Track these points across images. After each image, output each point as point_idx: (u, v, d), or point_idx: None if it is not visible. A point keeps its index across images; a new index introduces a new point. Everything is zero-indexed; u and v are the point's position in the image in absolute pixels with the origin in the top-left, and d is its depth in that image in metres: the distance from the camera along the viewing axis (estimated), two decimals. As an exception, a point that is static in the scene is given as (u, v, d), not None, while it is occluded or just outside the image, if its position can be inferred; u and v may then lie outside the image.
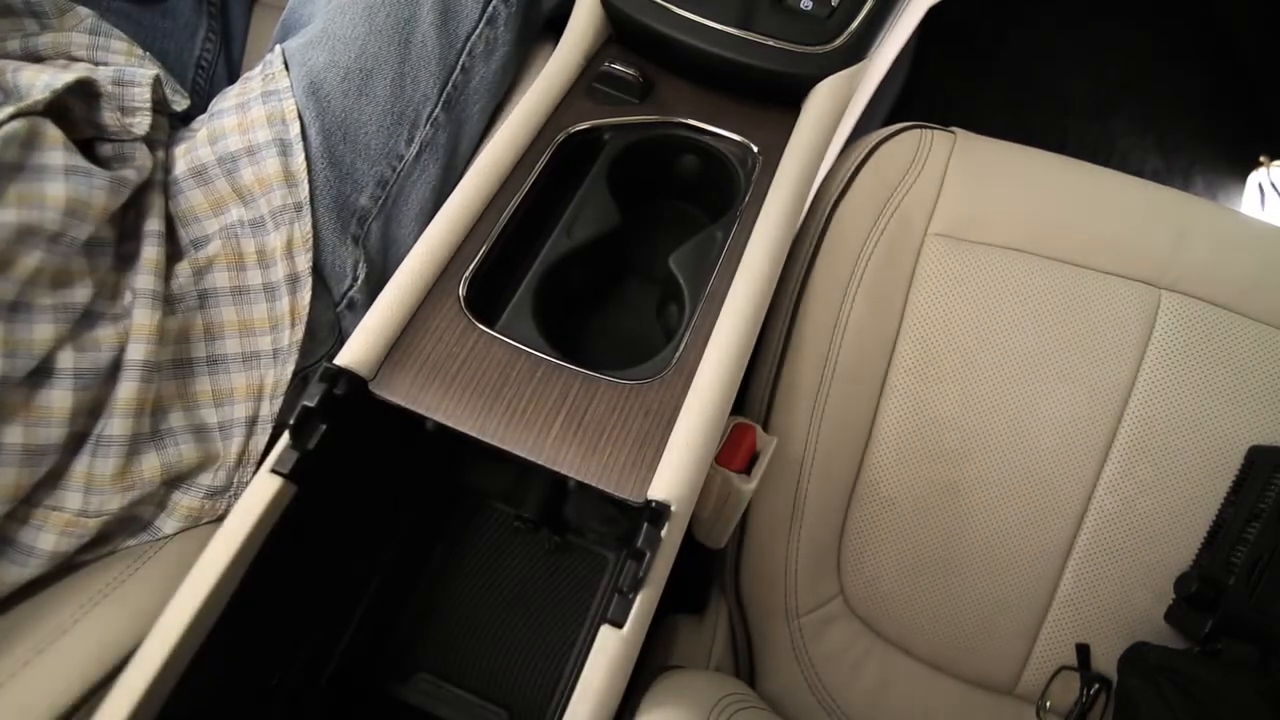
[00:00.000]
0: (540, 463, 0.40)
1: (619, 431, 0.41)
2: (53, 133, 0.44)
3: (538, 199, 0.50)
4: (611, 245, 0.51)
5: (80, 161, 0.45)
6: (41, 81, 0.46)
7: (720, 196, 0.54)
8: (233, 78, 0.68)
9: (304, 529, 0.41)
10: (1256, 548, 0.52)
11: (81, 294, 0.46)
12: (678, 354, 0.44)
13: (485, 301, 0.46)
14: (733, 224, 0.49)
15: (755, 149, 0.53)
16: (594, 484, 0.40)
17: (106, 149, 0.49)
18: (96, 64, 0.53)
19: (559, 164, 0.52)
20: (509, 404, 0.42)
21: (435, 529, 0.54)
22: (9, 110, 0.42)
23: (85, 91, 0.47)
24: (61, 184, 0.44)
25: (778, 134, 0.53)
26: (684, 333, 0.45)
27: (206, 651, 0.36)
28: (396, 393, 0.42)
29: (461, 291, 0.45)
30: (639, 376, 0.43)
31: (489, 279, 0.47)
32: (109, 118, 0.48)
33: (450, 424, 0.41)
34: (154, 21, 0.64)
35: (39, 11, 0.53)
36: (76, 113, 0.47)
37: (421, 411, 0.41)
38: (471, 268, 0.46)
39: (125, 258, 0.49)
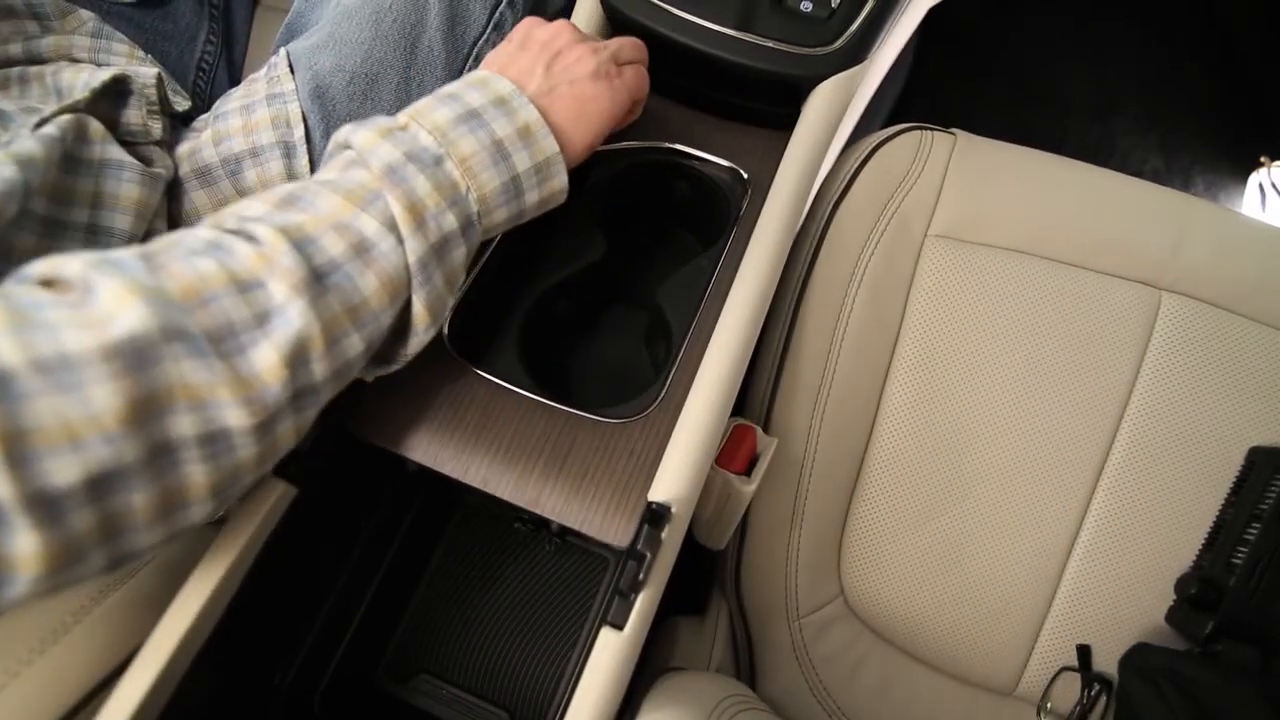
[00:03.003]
0: (523, 505, 0.40)
1: (602, 473, 0.40)
2: (95, 127, 0.45)
3: (522, 232, 0.49)
4: (598, 275, 0.50)
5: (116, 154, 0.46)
6: (81, 80, 0.47)
7: (709, 222, 0.53)
8: (234, 80, 0.68)
9: (304, 530, 0.41)
10: (1257, 549, 0.52)
11: None
12: (663, 392, 0.43)
13: (469, 337, 0.45)
14: (721, 253, 0.48)
15: (744, 175, 0.52)
16: (576, 527, 0.39)
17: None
18: (99, 66, 0.54)
19: None
20: (491, 443, 0.41)
21: (435, 530, 0.54)
22: (54, 108, 0.43)
23: (118, 90, 0.48)
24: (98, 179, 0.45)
25: (767, 159, 0.52)
26: (670, 371, 0.44)
27: (208, 652, 0.36)
28: (376, 432, 0.41)
29: (444, 328, 0.44)
30: (624, 415, 0.42)
31: (472, 313, 0.46)
32: (135, 116, 0.49)
33: (430, 465, 0.41)
34: (154, 25, 0.64)
35: (40, 14, 0.53)
36: (102, 113, 0.48)
37: (401, 452, 0.41)
38: (454, 302, 0.45)
39: None
